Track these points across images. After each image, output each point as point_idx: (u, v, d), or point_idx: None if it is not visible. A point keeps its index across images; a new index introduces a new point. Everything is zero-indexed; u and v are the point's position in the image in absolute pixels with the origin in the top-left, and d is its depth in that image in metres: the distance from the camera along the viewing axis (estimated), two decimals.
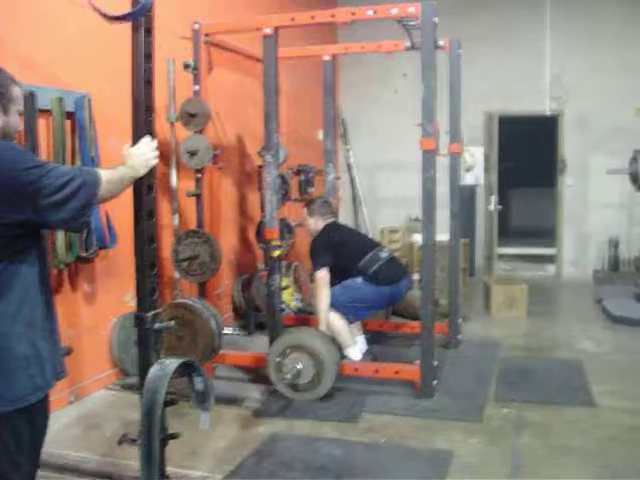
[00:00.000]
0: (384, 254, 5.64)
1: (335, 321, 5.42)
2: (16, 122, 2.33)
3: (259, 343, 6.09)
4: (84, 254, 4.72)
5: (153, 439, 2.46)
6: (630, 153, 7.98)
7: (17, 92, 2.31)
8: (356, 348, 5.57)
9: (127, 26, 2.66)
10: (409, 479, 3.73)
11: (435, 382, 4.93)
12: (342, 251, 5.56)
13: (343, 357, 5.33)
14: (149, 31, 2.65)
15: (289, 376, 4.72)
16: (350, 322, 5.56)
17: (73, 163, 4.67)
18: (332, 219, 5.88)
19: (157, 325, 2.72)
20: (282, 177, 6.22)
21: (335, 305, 5.41)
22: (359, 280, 5.48)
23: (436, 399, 4.87)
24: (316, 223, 5.78)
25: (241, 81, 6.88)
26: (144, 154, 2.60)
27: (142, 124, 2.65)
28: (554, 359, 6.02)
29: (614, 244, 9.58)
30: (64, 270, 4.77)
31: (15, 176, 2.13)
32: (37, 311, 2.30)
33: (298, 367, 4.74)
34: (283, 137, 6.82)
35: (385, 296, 5.61)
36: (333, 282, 5.47)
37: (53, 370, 2.37)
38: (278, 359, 4.80)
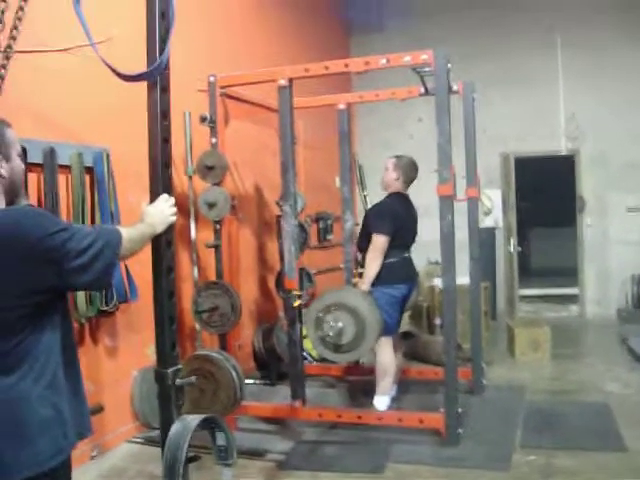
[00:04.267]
0: (409, 253, 5.66)
1: (387, 360, 5.38)
2: (19, 165, 2.33)
3: (282, 393, 6.05)
4: (105, 308, 4.73)
5: None
6: None
7: (12, 135, 2.29)
8: (387, 398, 5.50)
9: (143, 83, 2.69)
10: None
11: (460, 430, 4.86)
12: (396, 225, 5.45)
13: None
14: (165, 89, 2.67)
15: (331, 334, 4.66)
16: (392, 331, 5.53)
17: (93, 218, 4.71)
18: (404, 191, 5.69)
19: (178, 381, 2.70)
20: (301, 225, 6.22)
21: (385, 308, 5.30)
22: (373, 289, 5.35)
23: (462, 447, 4.80)
24: (395, 180, 5.58)
25: (258, 131, 6.94)
26: (162, 212, 2.61)
27: (160, 181, 2.66)
28: (581, 402, 5.92)
29: (637, 281, 9.49)
30: (85, 324, 4.78)
31: (40, 243, 2.13)
32: (59, 372, 2.29)
33: (339, 325, 4.70)
34: (301, 185, 6.85)
35: (404, 290, 5.51)
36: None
37: (76, 430, 2.36)
38: (320, 314, 4.75)
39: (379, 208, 5.58)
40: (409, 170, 5.61)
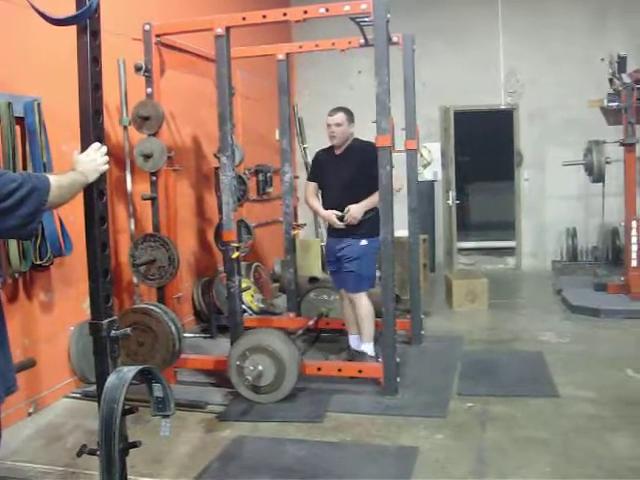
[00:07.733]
0: None
1: (369, 308, 5.39)
2: None
3: (221, 346, 6.04)
4: (39, 262, 4.62)
5: (113, 449, 2.40)
6: (585, 144, 8.08)
7: None
8: (372, 345, 5.52)
9: (74, 28, 2.59)
10: (375, 478, 3.71)
11: (399, 379, 4.93)
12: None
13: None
14: (95, 34, 2.58)
15: (250, 378, 4.69)
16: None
17: (24, 169, 4.57)
18: None
19: (113, 332, 2.66)
20: (240, 177, 6.17)
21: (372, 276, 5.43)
22: (365, 242, 5.33)
23: (400, 396, 4.87)
24: (351, 133, 5.42)
25: (195, 82, 6.80)
26: (94, 160, 2.54)
27: (90, 129, 2.58)
28: (516, 351, 6.07)
29: (572, 235, 9.68)
30: (19, 279, 4.67)
31: None
32: None
33: (259, 368, 4.71)
34: (239, 137, 6.78)
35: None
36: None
37: (3, 384, 2.30)
38: (238, 362, 4.76)
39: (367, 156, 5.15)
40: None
